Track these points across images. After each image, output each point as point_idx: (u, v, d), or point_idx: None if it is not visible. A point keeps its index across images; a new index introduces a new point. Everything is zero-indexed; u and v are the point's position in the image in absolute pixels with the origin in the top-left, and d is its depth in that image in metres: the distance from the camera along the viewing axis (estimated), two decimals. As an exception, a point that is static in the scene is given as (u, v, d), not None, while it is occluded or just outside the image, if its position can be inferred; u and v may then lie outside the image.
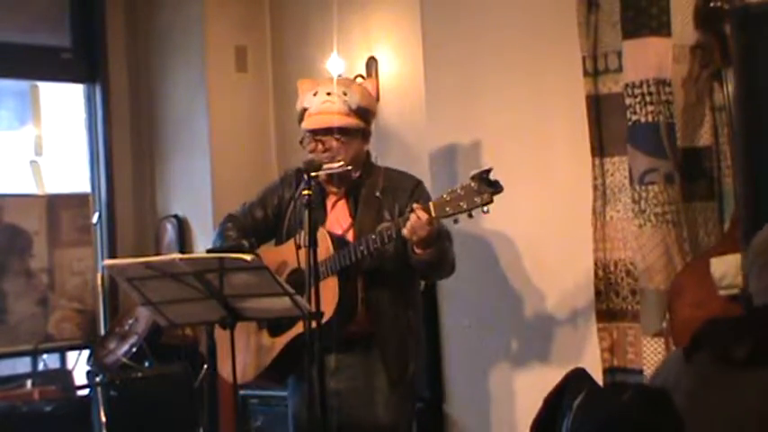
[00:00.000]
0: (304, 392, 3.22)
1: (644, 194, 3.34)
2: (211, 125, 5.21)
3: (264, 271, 2.78)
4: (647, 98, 3.33)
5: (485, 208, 2.86)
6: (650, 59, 3.34)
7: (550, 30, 3.79)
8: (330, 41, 4.58)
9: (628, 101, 3.38)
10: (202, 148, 5.25)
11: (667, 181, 3.32)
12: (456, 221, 2.98)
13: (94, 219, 5.14)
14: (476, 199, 2.84)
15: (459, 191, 2.88)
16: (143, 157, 5.65)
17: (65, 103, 5.74)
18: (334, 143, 3.20)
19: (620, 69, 3.47)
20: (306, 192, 2.91)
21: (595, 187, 3.56)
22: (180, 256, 2.91)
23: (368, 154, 3.36)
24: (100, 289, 5.18)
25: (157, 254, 5.25)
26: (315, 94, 3.25)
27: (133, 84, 5.65)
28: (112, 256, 5.41)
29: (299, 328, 3.14)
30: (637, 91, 3.35)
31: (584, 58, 3.56)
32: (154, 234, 5.58)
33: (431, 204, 2.93)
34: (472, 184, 2.85)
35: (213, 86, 5.23)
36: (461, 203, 2.87)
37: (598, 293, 3.56)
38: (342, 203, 3.31)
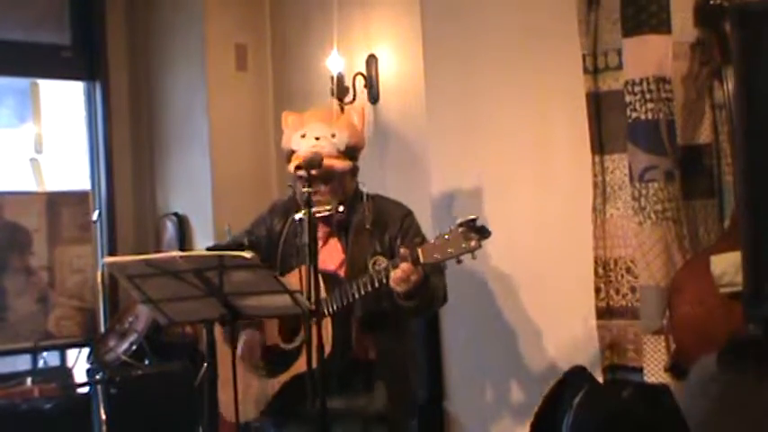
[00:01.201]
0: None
1: (644, 192, 3.34)
2: (211, 123, 5.21)
3: (264, 268, 2.78)
4: (647, 95, 3.32)
5: (474, 254, 2.88)
6: (650, 57, 3.33)
7: (550, 27, 3.79)
8: (330, 39, 4.58)
9: (628, 98, 3.37)
10: (202, 145, 5.25)
11: (667, 178, 3.32)
12: (444, 267, 3.01)
13: (94, 216, 5.15)
14: (463, 245, 2.86)
15: (446, 237, 2.88)
16: (143, 155, 5.65)
17: (65, 100, 5.75)
18: (323, 187, 3.18)
19: (620, 67, 3.47)
20: (306, 190, 2.91)
21: (595, 184, 3.56)
22: (180, 253, 2.90)
23: (356, 186, 3.33)
24: (100, 286, 5.18)
25: (157, 251, 5.25)
26: (303, 137, 3.22)
27: (133, 82, 5.65)
28: (112, 253, 5.42)
29: (297, 367, 3.12)
30: (637, 88, 3.35)
31: (584, 56, 3.56)
32: (154, 232, 5.59)
33: (419, 251, 2.92)
34: (460, 230, 2.86)
35: (213, 84, 5.23)
36: (450, 249, 2.88)
37: (598, 291, 3.55)
38: (333, 239, 3.29)
